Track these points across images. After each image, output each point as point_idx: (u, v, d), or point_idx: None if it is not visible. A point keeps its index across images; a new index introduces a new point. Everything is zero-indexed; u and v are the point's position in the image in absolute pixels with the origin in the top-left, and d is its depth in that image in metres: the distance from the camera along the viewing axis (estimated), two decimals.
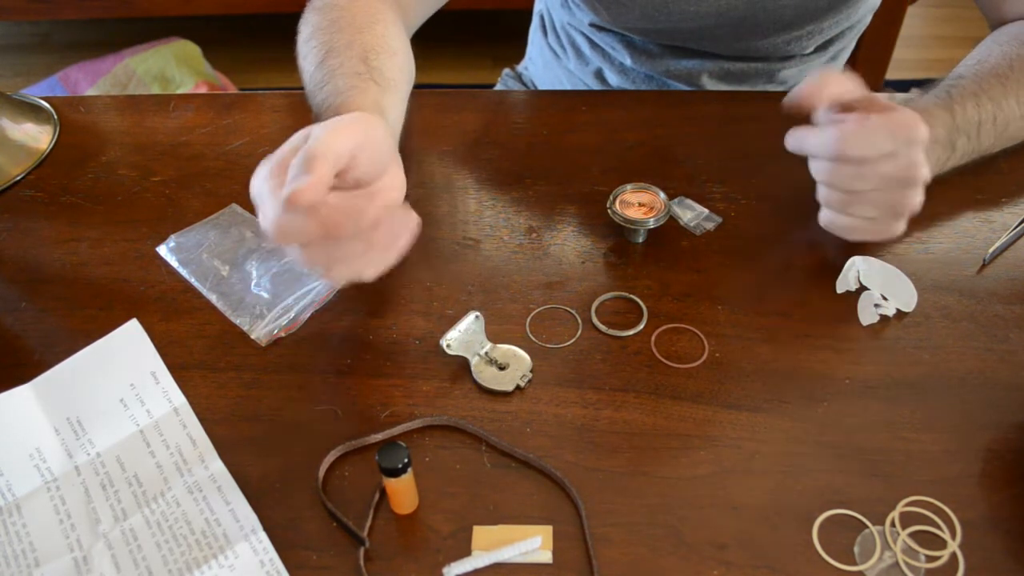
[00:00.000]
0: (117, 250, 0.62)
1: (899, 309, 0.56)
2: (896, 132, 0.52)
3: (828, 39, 0.80)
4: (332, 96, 0.56)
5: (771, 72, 0.82)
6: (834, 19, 0.76)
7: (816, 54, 0.82)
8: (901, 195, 0.53)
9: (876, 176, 0.53)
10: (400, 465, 0.43)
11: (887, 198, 0.54)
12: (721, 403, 0.51)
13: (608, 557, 0.44)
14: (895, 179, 0.53)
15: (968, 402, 0.51)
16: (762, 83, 0.83)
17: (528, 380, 0.52)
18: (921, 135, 0.52)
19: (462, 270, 0.59)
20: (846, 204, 0.55)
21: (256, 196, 0.46)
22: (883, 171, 0.53)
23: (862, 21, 0.82)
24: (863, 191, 0.54)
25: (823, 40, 0.80)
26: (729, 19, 0.74)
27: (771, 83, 0.83)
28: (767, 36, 0.77)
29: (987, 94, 0.60)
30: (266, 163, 0.47)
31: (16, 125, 0.72)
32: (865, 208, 0.55)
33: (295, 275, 0.59)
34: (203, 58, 1.81)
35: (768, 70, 0.82)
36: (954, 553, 0.44)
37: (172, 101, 0.77)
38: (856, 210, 0.55)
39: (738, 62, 0.81)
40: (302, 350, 0.55)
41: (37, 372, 0.52)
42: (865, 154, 0.52)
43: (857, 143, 0.52)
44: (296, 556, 0.44)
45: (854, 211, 0.55)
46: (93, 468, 0.49)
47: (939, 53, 2.15)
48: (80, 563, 0.45)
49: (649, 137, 0.48)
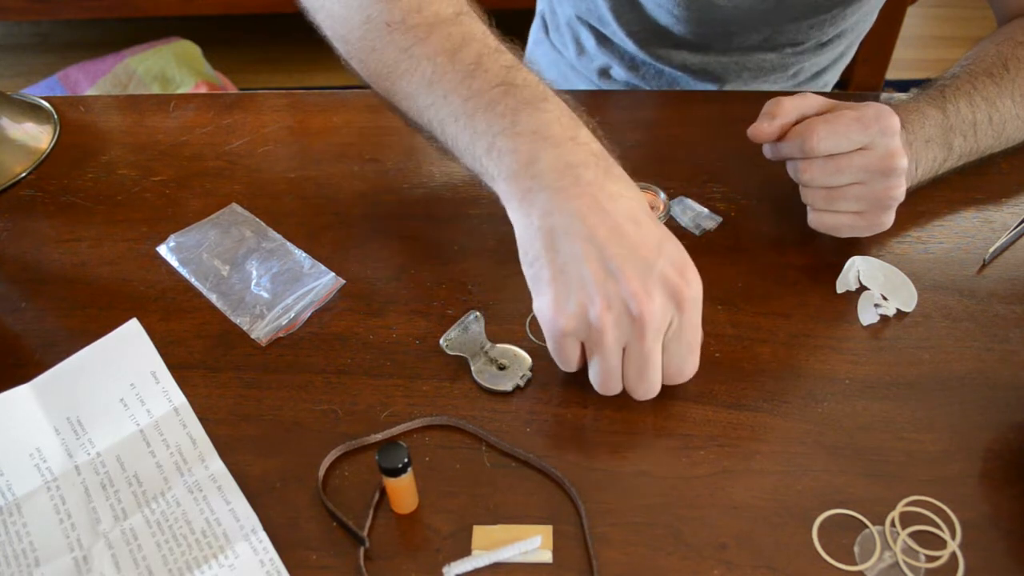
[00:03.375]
0: (117, 250, 0.62)
1: (899, 309, 0.56)
2: (868, 124, 0.52)
3: (844, 28, 0.81)
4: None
5: (786, 65, 0.82)
6: (858, 1, 0.76)
7: (832, 43, 0.82)
8: (883, 186, 0.54)
9: (853, 169, 0.53)
10: (400, 465, 0.43)
11: (869, 191, 0.54)
12: (721, 403, 0.51)
13: (608, 557, 0.44)
14: (874, 170, 0.53)
15: (968, 402, 0.51)
16: (776, 76, 0.83)
17: (528, 380, 0.52)
18: (894, 125, 0.52)
19: (462, 270, 0.59)
20: (829, 201, 0.56)
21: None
22: (860, 164, 0.53)
23: (871, 15, 0.82)
24: (842, 186, 0.54)
25: (843, 27, 0.80)
26: (769, 0, 0.74)
27: (785, 76, 0.83)
28: (796, 20, 0.76)
29: (980, 93, 0.60)
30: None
31: (16, 125, 0.72)
32: (849, 203, 0.55)
33: (295, 275, 0.59)
34: (203, 58, 1.81)
35: (784, 63, 0.82)
36: (954, 553, 0.44)
37: (172, 101, 0.77)
38: (840, 206, 0.55)
39: (755, 55, 0.81)
40: (302, 350, 0.55)
41: (37, 372, 0.52)
42: (838, 148, 0.53)
43: (829, 139, 0.53)
44: (296, 556, 0.44)
45: (838, 207, 0.56)
46: (93, 468, 0.49)
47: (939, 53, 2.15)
48: (80, 563, 0.45)
49: (649, 137, 0.48)
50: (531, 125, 0.47)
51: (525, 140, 0.47)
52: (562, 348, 0.47)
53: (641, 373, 0.47)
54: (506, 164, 0.47)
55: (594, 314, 0.45)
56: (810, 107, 0.56)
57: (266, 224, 0.63)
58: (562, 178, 0.46)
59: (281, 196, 0.66)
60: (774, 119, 0.56)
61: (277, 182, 0.67)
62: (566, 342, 0.47)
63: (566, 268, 0.45)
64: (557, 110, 0.48)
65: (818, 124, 0.53)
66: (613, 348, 0.46)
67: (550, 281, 0.46)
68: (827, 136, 0.53)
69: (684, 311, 0.46)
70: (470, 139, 0.49)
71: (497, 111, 0.48)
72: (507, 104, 0.48)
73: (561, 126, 0.47)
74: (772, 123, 0.56)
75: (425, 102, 0.52)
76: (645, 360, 0.46)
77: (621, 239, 0.45)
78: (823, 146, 0.53)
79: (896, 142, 0.53)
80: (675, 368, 0.48)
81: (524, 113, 0.47)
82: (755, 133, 0.56)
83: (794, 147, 0.55)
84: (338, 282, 0.59)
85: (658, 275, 0.45)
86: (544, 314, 0.46)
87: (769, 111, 0.56)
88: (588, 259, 0.45)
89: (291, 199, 0.66)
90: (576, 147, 0.47)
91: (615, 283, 0.44)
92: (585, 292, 0.45)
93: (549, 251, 0.46)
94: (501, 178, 0.48)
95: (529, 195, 0.46)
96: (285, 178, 0.68)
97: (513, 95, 0.48)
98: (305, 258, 0.60)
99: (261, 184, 0.67)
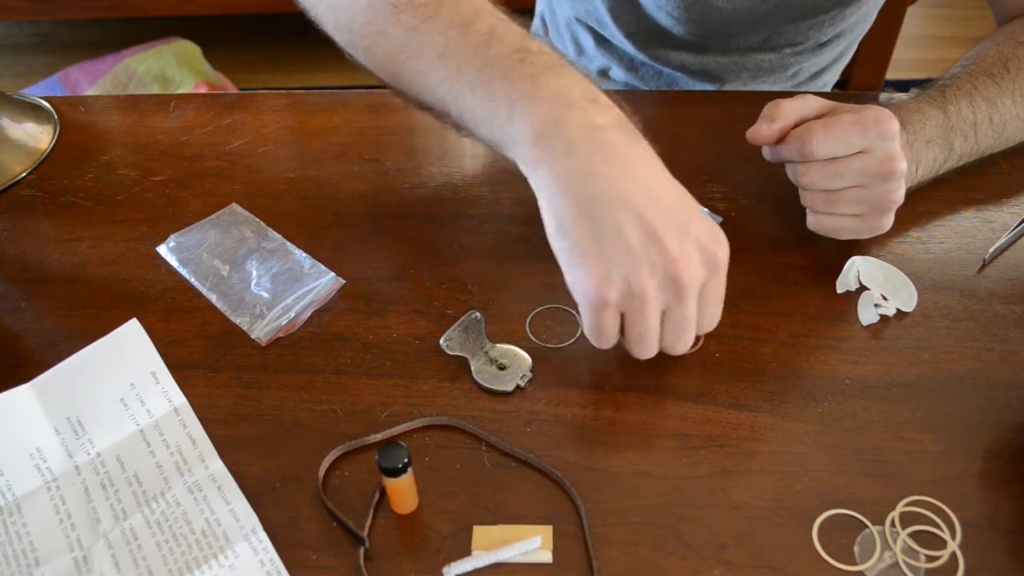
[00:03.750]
0: (117, 250, 0.62)
1: (899, 309, 0.56)
2: (867, 128, 0.52)
3: (843, 29, 0.81)
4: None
5: (785, 66, 0.82)
6: (857, 2, 0.76)
7: (831, 44, 0.82)
8: (882, 190, 0.54)
9: (852, 172, 0.53)
10: (400, 465, 0.43)
11: (868, 194, 0.54)
12: (721, 403, 0.51)
13: (608, 557, 0.44)
14: (873, 174, 0.53)
15: (968, 402, 0.51)
16: (775, 77, 0.83)
17: (528, 380, 0.52)
18: (893, 128, 0.52)
19: (462, 270, 0.59)
20: (829, 204, 0.56)
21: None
22: (859, 167, 0.53)
23: (870, 15, 0.82)
24: (842, 189, 0.54)
25: (842, 27, 0.80)
26: (769, 2, 0.74)
27: (784, 77, 0.83)
28: (795, 20, 0.77)
29: (981, 93, 0.60)
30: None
31: (16, 125, 0.72)
32: (848, 206, 0.55)
33: (295, 275, 0.59)
34: (203, 58, 1.81)
35: (783, 63, 0.82)
36: (954, 553, 0.44)
37: (172, 101, 0.77)
38: (839, 208, 0.55)
39: (754, 55, 0.81)
40: (302, 350, 0.55)
41: (37, 372, 0.52)
42: (837, 152, 0.53)
43: (828, 143, 0.53)
44: (296, 556, 0.44)
45: (837, 210, 0.56)
46: (93, 468, 0.49)
47: (939, 53, 2.15)
48: (80, 563, 0.45)
49: (649, 137, 0.47)
50: (553, 88, 0.46)
51: (548, 103, 0.46)
52: (602, 321, 0.47)
53: (681, 334, 0.47)
54: (529, 128, 0.46)
55: (638, 282, 0.44)
56: (809, 109, 0.56)
57: (266, 224, 0.63)
58: (590, 141, 0.45)
59: (281, 196, 0.66)
60: (773, 122, 0.55)
61: (277, 182, 0.67)
62: (607, 315, 0.46)
63: (604, 237, 0.44)
64: (576, 74, 0.48)
65: (817, 128, 0.53)
66: (655, 314, 0.46)
67: (587, 252, 0.45)
68: (826, 140, 0.53)
69: (717, 273, 0.47)
70: (489, 108, 0.48)
71: (516, 77, 0.47)
72: (525, 70, 0.47)
73: (582, 89, 0.47)
74: (771, 126, 0.55)
75: (437, 77, 0.51)
76: (687, 322, 0.47)
77: (657, 204, 0.44)
78: (822, 150, 0.53)
79: (895, 146, 0.53)
80: (707, 321, 0.49)
81: (544, 77, 0.47)
82: (754, 135, 0.56)
83: (793, 150, 0.55)
84: (338, 282, 0.59)
85: (694, 239, 0.45)
86: (584, 287, 0.45)
87: (768, 114, 0.56)
88: (627, 226, 0.44)
89: (291, 199, 0.66)
90: (600, 110, 0.46)
91: (657, 249, 0.44)
92: (629, 260, 0.44)
93: (583, 219, 0.44)
94: (525, 143, 0.46)
95: (556, 160, 0.45)
96: (285, 178, 0.68)
97: (531, 61, 0.47)
98: (305, 258, 0.60)
99: (261, 184, 0.67)
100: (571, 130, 0.45)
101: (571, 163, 0.45)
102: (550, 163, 0.45)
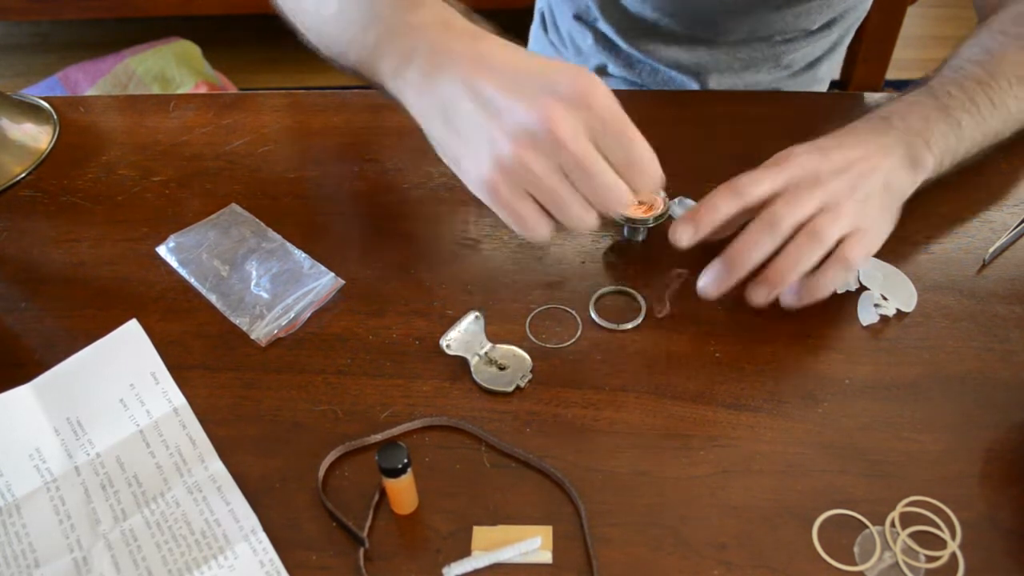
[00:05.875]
0: (117, 250, 0.62)
1: (899, 309, 0.56)
2: (778, 221, 0.50)
3: (833, 16, 0.80)
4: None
5: (777, 56, 0.82)
6: None
7: (821, 32, 0.82)
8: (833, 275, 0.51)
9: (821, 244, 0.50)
10: (400, 465, 0.43)
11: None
12: (721, 403, 0.51)
13: (608, 557, 0.44)
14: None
15: (968, 402, 0.51)
16: (768, 68, 0.83)
17: (528, 380, 0.52)
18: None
19: (462, 270, 0.59)
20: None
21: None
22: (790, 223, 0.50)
23: (863, 3, 0.82)
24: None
25: (832, 15, 0.80)
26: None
27: (777, 67, 0.83)
28: (779, 8, 0.77)
29: (970, 78, 0.59)
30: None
31: (16, 125, 0.72)
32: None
33: (295, 275, 0.59)
34: (203, 58, 1.81)
35: (774, 53, 0.82)
36: (954, 553, 0.44)
37: (172, 101, 0.77)
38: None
39: (744, 46, 0.81)
40: (302, 350, 0.55)
41: (37, 372, 0.52)
42: (809, 265, 0.51)
43: (793, 272, 0.50)
44: (296, 556, 0.44)
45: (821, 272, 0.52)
46: (93, 468, 0.49)
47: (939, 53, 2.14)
48: (80, 563, 0.45)
49: (649, 137, 0.47)
50: (411, 22, 0.49)
51: (404, 38, 0.48)
52: (510, 208, 0.45)
53: (593, 186, 0.44)
54: (387, 66, 0.49)
55: (508, 154, 0.43)
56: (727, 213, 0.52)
57: (266, 224, 0.63)
58: (434, 55, 0.46)
59: (281, 196, 0.66)
60: (696, 231, 0.52)
61: (277, 182, 0.67)
62: (509, 199, 0.44)
63: (458, 127, 0.44)
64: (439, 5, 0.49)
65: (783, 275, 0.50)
66: (549, 175, 0.43)
67: (454, 149, 0.45)
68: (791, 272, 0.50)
69: (593, 107, 0.42)
70: (362, 43, 0.51)
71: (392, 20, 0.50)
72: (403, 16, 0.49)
73: (434, 15, 0.49)
74: (694, 235, 0.52)
75: (339, 26, 0.54)
76: (590, 167, 0.43)
77: (498, 71, 0.44)
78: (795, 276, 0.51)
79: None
80: (637, 159, 0.45)
81: (410, 13, 0.49)
82: (677, 241, 0.53)
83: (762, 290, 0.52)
84: (338, 282, 0.59)
85: (544, 87, 0.42)
86: (468, 182, 0.45)
87: (689, 221, 0.52)
88: (467, 106, 0.43)
89: (291, 199, 0.66)
90: (448, 29, 0.48)
91: (507, 113, 0.43)
92: (486, 136, 0.43)
93: (436, 121, 0.45)
94: (387, 79, 0.49)
95: (408, 87, 0.47)
96: (285, 178, 0.68)
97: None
98: (305, 258, 0.60)
99: (261, 184, 0.67)
100: (419, 55, 0.47)
101: (417, 80, 0.47)
102: (405, 92, 0.48)
